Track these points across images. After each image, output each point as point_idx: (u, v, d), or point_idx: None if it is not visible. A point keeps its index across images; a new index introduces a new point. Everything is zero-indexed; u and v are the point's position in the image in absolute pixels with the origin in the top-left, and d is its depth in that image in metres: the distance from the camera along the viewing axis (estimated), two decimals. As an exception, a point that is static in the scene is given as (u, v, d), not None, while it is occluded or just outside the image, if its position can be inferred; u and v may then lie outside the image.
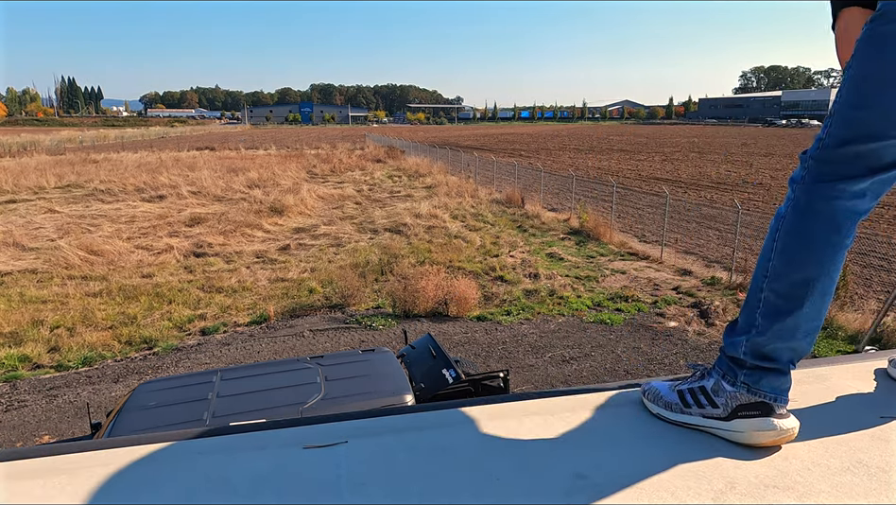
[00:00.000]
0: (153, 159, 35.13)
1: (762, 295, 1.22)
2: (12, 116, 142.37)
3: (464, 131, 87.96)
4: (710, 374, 1.31)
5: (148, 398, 4.18)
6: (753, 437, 1.19)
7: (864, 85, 1.10)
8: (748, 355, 1.23)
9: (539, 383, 7.12)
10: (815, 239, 1.17)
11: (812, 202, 1.17)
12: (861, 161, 1.13)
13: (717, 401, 1.24)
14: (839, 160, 1.15)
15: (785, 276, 1.19)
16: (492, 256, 12.73)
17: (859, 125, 1.12)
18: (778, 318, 1.20)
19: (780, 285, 1.20)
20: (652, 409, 1.34)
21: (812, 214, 1.17)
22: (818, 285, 1.18)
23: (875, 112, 1.10)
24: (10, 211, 18.65)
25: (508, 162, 27.48)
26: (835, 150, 1.15)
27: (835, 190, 1.15)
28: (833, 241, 1.17)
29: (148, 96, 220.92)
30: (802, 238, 1.18)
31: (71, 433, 6.15)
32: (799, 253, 1.18)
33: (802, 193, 1.19)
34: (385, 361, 4.80)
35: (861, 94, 1.11)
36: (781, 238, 1.20)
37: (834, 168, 1.15)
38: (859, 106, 1.11)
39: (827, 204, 1.16)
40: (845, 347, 7.78)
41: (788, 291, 1.19)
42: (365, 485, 1.08)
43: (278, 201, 18.54)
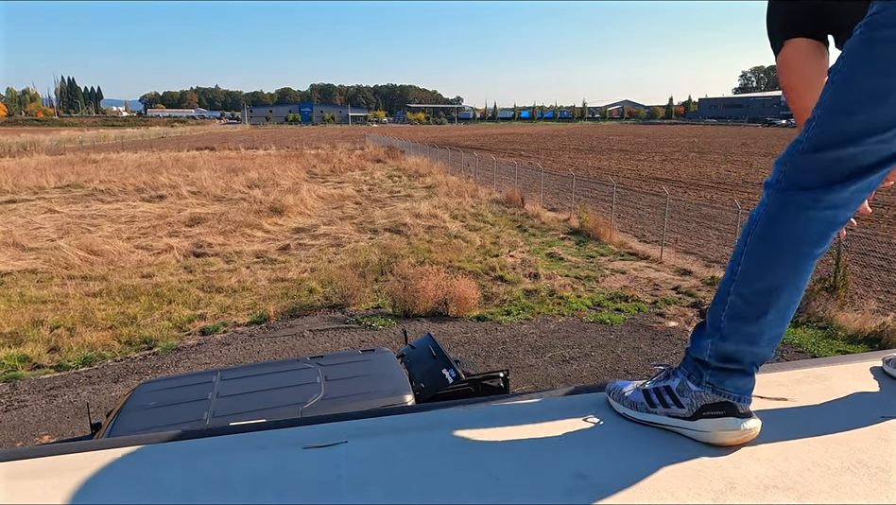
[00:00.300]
0: (153, 159, 35.13)
1: (728, 298, 1.22)
2: (12, 116, 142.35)
3: (464, 131, 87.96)
4: (675, 373, 1.31)
5: (148, 398, 4.18)
6: (718, 436, 1.19)
7: (849, 90, 1.09)
8: (712, 357, 1.23)
9: (539, 383, 7.12)
10: (783, 248, 1.16)
11: (783, 210, 1.16)
12: (838, 166, 1.12)
13: (682, 401, 1.24)
14: (816, 165, 1.13)
15: (751, 282, 1.19)
16: (492, 256, 12.73)
17: (839, 130, 1.10)
18: (742, 322, 1.20)
19: (746, 290, 1.19)
20: (618, 409, 1.34)
21: (782, 222, 1.16)
22: (783, 294, 1.18)
23: (858, 117, 1.09)
24: (10, 211, 18.65)
25: (508, 162, 27.49)
26: (812, 155, 1.14)
27: (808, 199, 1.14)
28: (802, 251, 1.16)
29: (148, 96, 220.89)
30: (771, 246, 1.17)
31: (71, 433, 6.15)
32: (766, 261, 1.18)
33: (775, 200, 1.17)
34: (385, 361, 4.80)
35: (845, 99, 1.09)
36: (751, 243, 1.20)
37: (809, 175, 1.14)
38: (842, 111, 1.10)
39: (798, 213, 1.15)
40: (845, 347, 7.78)
41: (753, 298, 1.19)
42: (365, 485, 1.08)
43: (278, 201, 18.54)
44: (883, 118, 1.08)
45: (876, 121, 1.08)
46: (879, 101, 1.07)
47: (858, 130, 1.09)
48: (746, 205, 17.12)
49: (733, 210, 12.87)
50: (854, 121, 1.09)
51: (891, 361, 1.53)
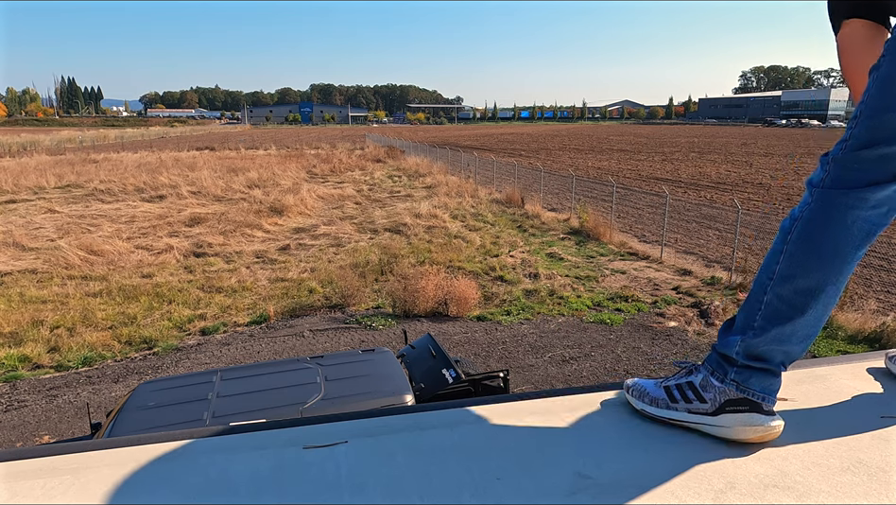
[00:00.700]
0: (153, 159, 35.13)
1: (765, 297, 1.20)
2: (12, 116, 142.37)
3: (464, 131, 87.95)
4: (698, 369, 1.30)
5: (148, 398, 4.18)
6: (739, 432, 1.18)
7: (892, 86, 1.07)
8: (740, 354, 1.22)
9: (539, 383, 7.12)
10: (827, 248, 1.14)
11: (829, 210, 1.14)
12: (886, 164, 1.10)
13: (705, 396, 1.23)
14: (863, 163, 1.11)
15: (792, 282, 1.17)
16: (492, 256, 12.73)
17: (886, 126, 1.09)
18: (778, 322, 1.18)
19: (785, 290, 1.18)
20: (636, 406, 1.33)
21: (828, 222, 1.14)
22: (822, 294, 1.16)
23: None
24: (10, 211, 18.65)
25: (508, 162, 27.48)
26: (858, 152, 1.12)
27: (854, 198, 1.12)
28: (845, 252, 1.14)
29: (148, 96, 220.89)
30: (814, 246, 1.15)
31: (71, 433, 6.14)
32: (808, 261, 1.15)
33: (820, 199, 1.15)
34: (385, 361, 4.80)
35: (890, 94, 1.08)
36: (792, 242, 1.17)
37: (856, 173, 1.12)
38: (888, 107, 1.08)
39: (845, 213, 1.12)
40: (845, 347, 7.78)
41: (792, 297, 1.17)
42: (365, 485, 1.08)
43: (278, 201, 18.54)
44: None
45: None
46: None
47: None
48: (746, 205, 17.12)
49: (733, 210, 12.87)
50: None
51: (894, 357, 1.53)
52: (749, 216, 15.35)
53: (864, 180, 1.12)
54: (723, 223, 15.50)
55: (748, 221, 14.13)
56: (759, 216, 15.90)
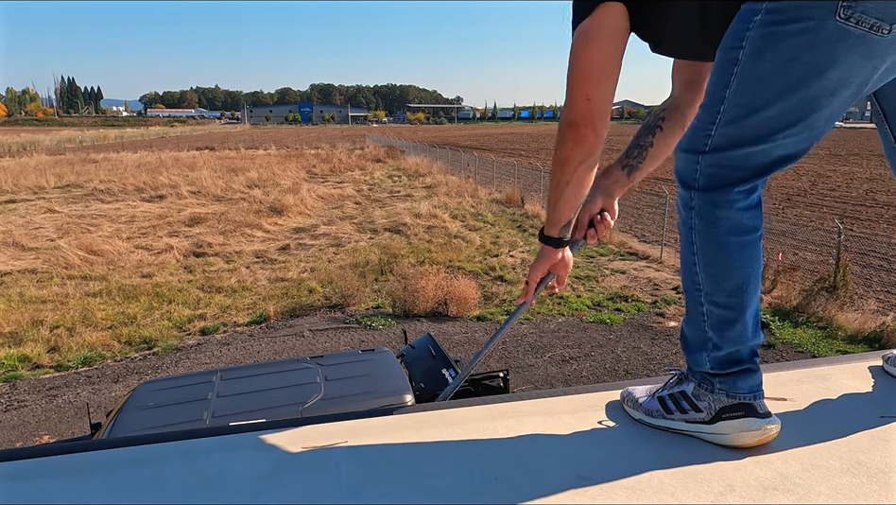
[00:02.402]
0: (153, 159, 35.12)
1: (703, 309, 1.22)
2: (12, 116, 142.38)
3: (464, 131, 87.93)
4: (688, 378, 1.30)
5: (148, 398, 4.18)
6: (738, 438, 1.18)
7: (761, 86, 1.07)
8: (715, 367, 1.23)
9: (539, 383, 7.12)
10: (732, 245, 1.16)
11: (715, 211, 1.16)
12: (752, 160, 1.12)
13: (700, 405, 1.23)
14: (732, 162, 1.13)
15: (718, 287, 1.19)
16: (492, 256, 12.73)
17: (753, 126, 1.10)
18: (727, 326, 1.20)
19: (717, 297, 1.19)
20: (634, 415, 1.33)
21: (720, 222, 1.16)
22: (749, 284, 1.18)
23: (771, 113, 1.08)
24: (10, 211, 18.64)
25: (508, 162, 27.48)
26: (727, 152, 1.13)
27: (732, 195, 1.14)
28: (747, 241, 1.17)
29: (148, 96, 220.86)
30: (720, 248, 1.17)
31: (71, 433, 6.14)
32: (722, 264, 1.18)
33: (703, 202, 1.17)
34: (385, 361, 4.80)
35: (757, 94, 1.08)
36: (699, 252, 1.19)
37: (726, 172, 1.14)
38: (754, 108, 1.08)
39: (730, 211, 1.15)
40: (845, 347, 7.77)
41: (727, 301, 1.19)
42: (364, 485, 1.08)
43: (278, 201, 18.54)
44: (792, 113, 1.08)
45: (787, 116, 1.08)
46: (789, 96, 1.06)
47: (773, 127, 1.09)
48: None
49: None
50: (768, 117, 1.08)
51: (891, 359, 1.53)
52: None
53: (735, 177, 1.14)
54: (723, 223, 15.46)
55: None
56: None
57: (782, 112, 1.08)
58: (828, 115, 1.09)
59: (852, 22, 0.99)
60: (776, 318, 8.70)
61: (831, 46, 1.01)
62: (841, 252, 9.25)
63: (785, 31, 1.03)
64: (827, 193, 20.75)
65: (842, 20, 0.99)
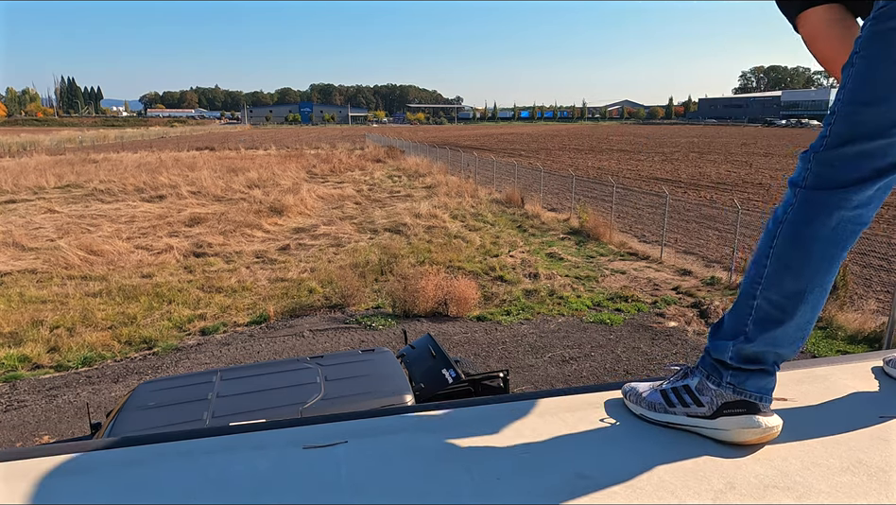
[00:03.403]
0: (153, 159, 35.13)
1: (754, 302, 1.20)
2: (12, 116, 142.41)
3: (464, 131, 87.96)
4: (693, 373, 1.30)
5: (148, 398, 4.18)
6: (738, 434, 1.18)
7: (870, 82, 1.08)
8: (734, 358, 1.22)
9: (539, 383, 7.12)
10: (813, 251, 1.14)
11: (813, 210, 1.14)
12: (865, 161, 1.11)
13: (702, 399, 1.23)
14: (843, 160, 1.11)
15: (780, 285, 1.17)
16: (492, 256, 12.73)
17: (864, 122, 1.09)
18: (769, 325, 1.19)
19: (773, 294, 1.18)
20: (635, 410, 1.33)
21: (812, 224, 1.14)
22: (811, 296, 1.16)
23: (881, 108, 1.08)
24: (10, 211, 18.65)
25: (508, 162, 27.48)
26: (838, 150, 1.12)
27: (837, 198, 1.12)
28: (832, 253, 1.15)
29: (148, 96, 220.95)
30: (801, 249, 1.15)
31: (71, 433, 6.14)
32: (796, 264, 1.16)
33: (803, 201, 1.15)
34: (385, 361, 4.80)
35: (867, 91, 1.09)
36: (778, 246, 1.17)
37: (837, 171, 1.12)
38: (865, 103, 1.09)
39: (829, 215, 1.13)
40: (845, 347, 7.78)
41: (781, 301, 1.17)
42: (365, 485, 1.08)
43: (278, 201, 18.54)
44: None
45: None
46: None
47: (884, 122, 1.08)
48: (746, 205, 17.11)
49: (733, 210, 12.87)
50: (878, 113, 1.08)
51: (891, 361, 1.53)
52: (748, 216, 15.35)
53: (845, 178, 1.12)
54: (723, 223, 15.50)
55: (748, 221, 14.12)
56: (759, 215, 15.89)
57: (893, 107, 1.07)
58: None
59: None
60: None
61: None
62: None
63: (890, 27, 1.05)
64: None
65: None
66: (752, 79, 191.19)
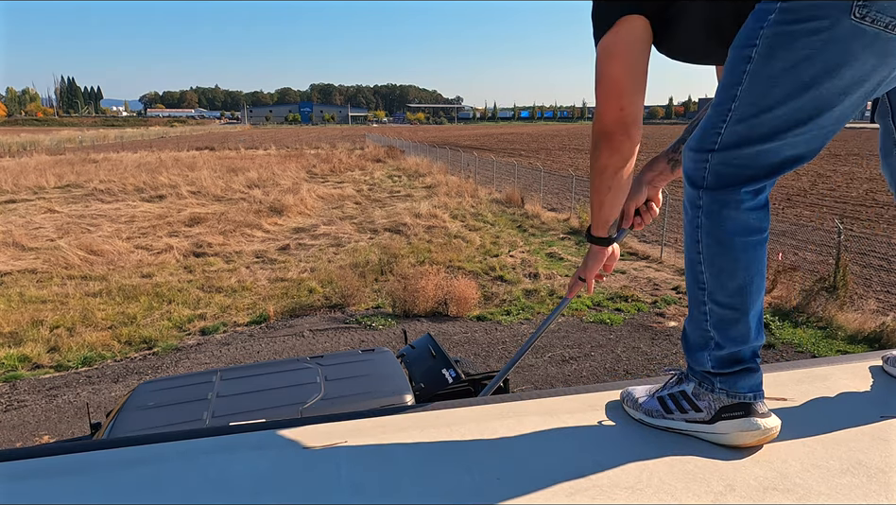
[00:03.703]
0: (153, 159, 35.12)
1: (705, 308, 1.22)
2: (12, 116, 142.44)
3: (464, 131, 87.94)
4: (688, 377, 1.30)
5: (148, 398, 4.18)
6: (738, 438, 1.18)
7: (771, 85, 1.07)
8: (715, 366, 1.23)
9: (539, 383, 7.13)
10: (738, 245, 1.16)
11: (722, 212, 1.16)
12: (762, 160, 1.12)
13: (700, 405, 1.24)
14: (741, 161, 1.13)
15: (722, 287, 1.19)
16: (492, 256, 12.73)
17: (763, 125, 1.10)
18: (728, 326, 1.20)
19: (720, 296, 1.20)
20: (634, 416, 1.33)
21: (726, 222, 1.16)
22: (753, 286, 1.18)
23: (781, 112, 1.08)
24: (10, 211, 18.64)
25: (508, 162, 27.48)
26: (736, 150, 1.13)
27: (741, 194, 1.14)
28: (753, 241, 1.17)
29: (148, 96, 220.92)
30: (726, 249, 1.17)
31: (71, 433, 6.14)
32: (727, 265, 1.18)
33: (710, 201, 1.17)
34: (385, 361, 4.80)
35: (768, 94, 1.08)
36: (704, 250, 1.19)
37: (735, 170, 1.14)
38: (766, 107, 1.09)
39: (737, 211, 1.15)
40: (845, 347, 7.78)
41: (729, 300, 1.19)
42: (365, 485, 1.08)
43: (277, 201, 18.54)
44: (803, 112, 1.08)
45: (798, 115, 1.08)
46: (800, 95, 1.06)
47: (783, 125, 1.09)
48: (746, 205, 17.09)
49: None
50: (777, 116, 1.08)
51: (891, 360, 1.53)
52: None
53: (744, 176, 1.14)
54: (723, 223, 15.47)
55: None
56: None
57: (792, 110, 1.08)
58: (839, 115, 1.09)
59: (868, 21, 0.99)
60: (776, 318, 8.70)
61: (845, 45, 1.01)
62: (841, 252, 9.25)
63: (799, 30, 1.03)
64: (827, 193, 20.77)
65: (857, 19, 0.99)
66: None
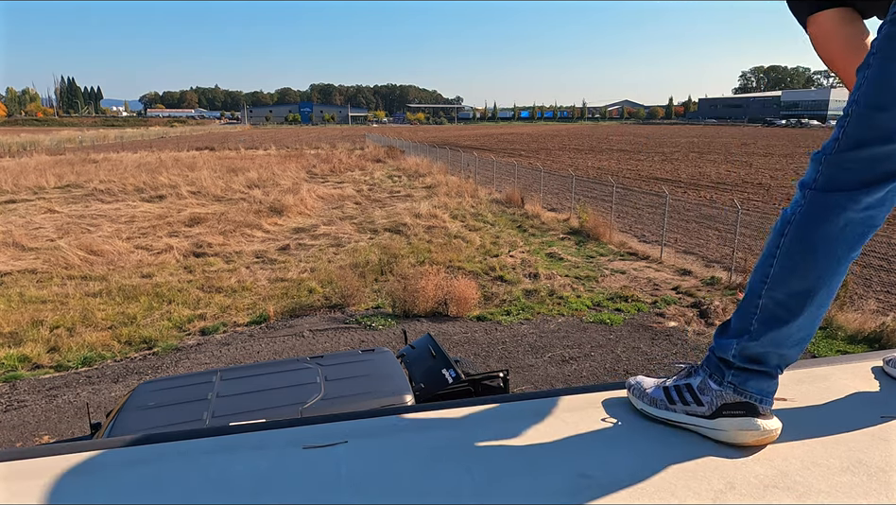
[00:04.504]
0: (153, 159, 35.12)
1: (759, 301, 1.20)
2: (12, 116, 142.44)
3: (464, 131, 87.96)
4: (697, 371, 1.30)
5: (148, 398, 4.18)
6: (736, 436, 1.19)
7: (886, 86, 1.07)
8: (737, 357, 1.22)
9: (539, 383, 7.12)
10: (821, 251, 1.14)
11: (822, 211, 1.13)
12: (878, 165, 1.10)
13: (703, 399, 1.24)
14: (855, 163, 1.11)
15: (786, 285, 1.17)
16: (492, 256, 12.73)
17: (879, 126, 1.09)
18: (773, 325, 1.19)
19: (779, 293, 1.18)
20: (637, 405, 1.34)
21: (822, 224, 1.13)
22: (816, 297, 1.16)
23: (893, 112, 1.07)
24: (10, 211, 18.64)
25: (508, 162, 27.49)
26: (851, 153, 1.11)
27: (848, 200, 1.11)
28: (839, 254, 1.14)
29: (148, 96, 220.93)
30: (808, 249, 1.15)
31: (71, 433, 6.14)
32: (802, 264, 1.15)
33: (813, 200, 1.15)
34: (384, 361, 4.80)
35: (882, 95, 1.08)
36: (785, 245, 1.17)
37: (848, 173, 1.12)
38: (880, 107, 1.08)
39: (838, 215, 1.12)
40: (845, 347, 7.78)
41: (787, 301, 1.17)
42: (365, 485, 1.08)
43: (277, 201, 18.54)
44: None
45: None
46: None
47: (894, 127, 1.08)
48: (745, 205, 17.12)
49: (733, 210, 12.88)
50: (893, 117, 1.07)
51: (891, 361, 1.53)
52: (748, 216, 15.36)
53: (856, 181, 1.11)
54: (723, 223, 15.49)
55: (747, 221, 14.13)
56: (759, 216, 15.90)
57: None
58: None
59: None
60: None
61: None
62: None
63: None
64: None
65: None
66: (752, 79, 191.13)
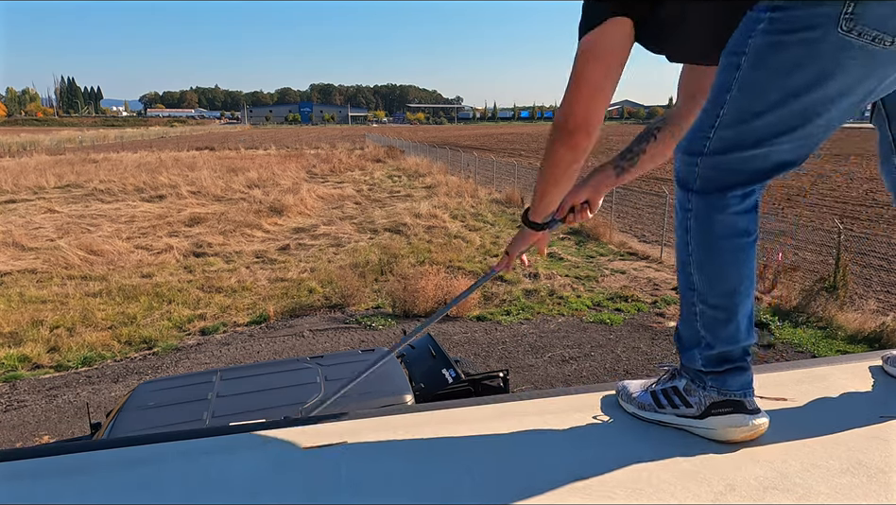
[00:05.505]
0: (153, 159, 35.11)
1: (696, 309, 1.24)
2: (12, 116, 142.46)
3: (464, 131, 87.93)
4: (681, 374, 1.32)
5: (148, 398, 4.18)
6: (726, 433, 1.21)
7: (762, 93, 1.08)
8: (706, 365, 1.25)
9: (539, 383, 7.12)
10: (726, 248, 1.18)
11: (711, 215, 1.18)
12: (750, 165, 1.14)
13: (691, 400, 1.26)
14: (729, 165, 1.15)
15: (712, 291, 1.21)
16: (492, 256, 12.72)
17: (752, 131, 1.11)
18: (719, 327, 1.22)
19: (710, 298, 1.22)
20: (627, 409, 1.36)
21: (715, 226, 1.18)
22: (742, 287, 1.20)
23: (770, 119, 1.09)
24: (10, 211, 18.64)
25: (508, 162, 27.48)
26: (725, 155, 1.14)
27: (730, 197, 1.16)
28: (742, 244, 1.19)
29: (148, 96, 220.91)
30: (715, 253, 1.19)
31: (71, 433, 6.14)
32: (717, 268, 1.20)
33: (699, 205, 1.19)
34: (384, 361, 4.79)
35: (758, 101, 1.09)
36: (694, 253, 1.21)
37: (723, 175, 1.15)
38: (756, 113, 1.10)
39: (725, 214, 1.17)
40: (845, 347, 7.77)
41: (719, 303, 1.21)
42: (364, 485, 1.08)
43: (277, 201, 18.54)
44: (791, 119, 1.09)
45: (785, 122, 1.09)
46: (787, 103, 1.08)
47: (772, 132, 1.10)
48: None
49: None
50: (767, 123, 1.10)
51: (890, 360, 1.54)
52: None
53: (733, 181, 1.16)
54: (723, 223, 15.47)
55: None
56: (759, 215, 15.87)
57: (780, 118, 1.09)
58: (826, 123, 1.11)
59: (854, 34, 1.00)
60: (776, 318, 8.70)
61: (832, 57, 1.02)
62: (841, 252, 9.25)
63: (788, 40, 1.04)
64: (827, 193, 20.77)
65: (844, 32, 1.00)
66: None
